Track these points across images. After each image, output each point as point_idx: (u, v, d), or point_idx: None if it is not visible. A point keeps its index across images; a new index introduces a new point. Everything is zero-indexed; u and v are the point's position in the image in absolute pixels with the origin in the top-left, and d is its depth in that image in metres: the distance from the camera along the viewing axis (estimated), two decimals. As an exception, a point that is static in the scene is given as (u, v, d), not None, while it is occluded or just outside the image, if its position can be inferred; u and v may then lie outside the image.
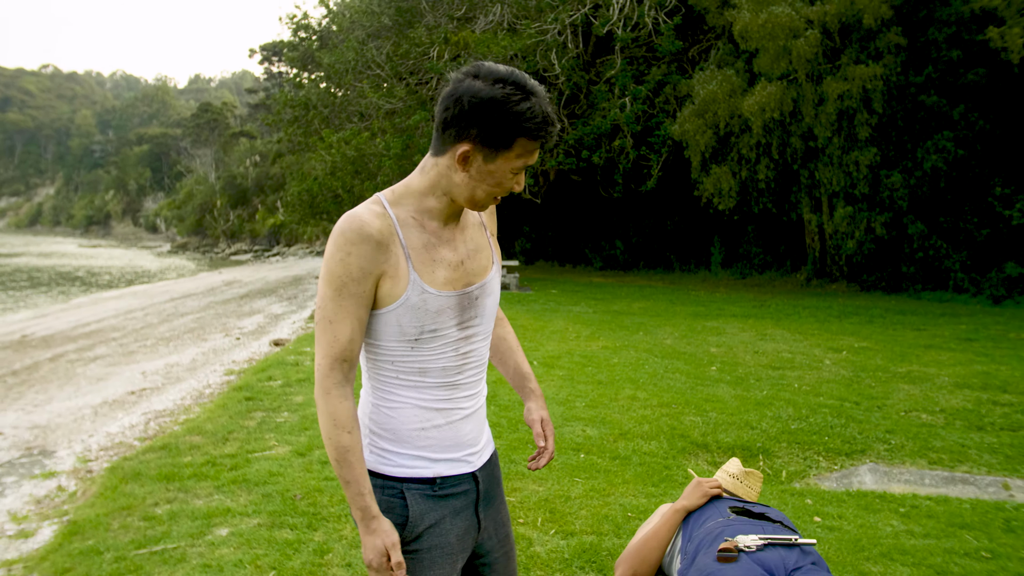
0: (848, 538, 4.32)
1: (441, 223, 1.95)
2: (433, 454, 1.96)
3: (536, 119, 1.79)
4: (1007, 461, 6.09)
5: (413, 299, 1.86)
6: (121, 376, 11.98)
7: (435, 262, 1.91)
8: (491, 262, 2.04)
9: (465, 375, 1.98)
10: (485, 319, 2.01)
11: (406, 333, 1.89)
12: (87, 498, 4.95)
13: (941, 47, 19.39)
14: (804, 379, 9.06)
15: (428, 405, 1.95)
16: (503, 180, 1.87)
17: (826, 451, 6.26)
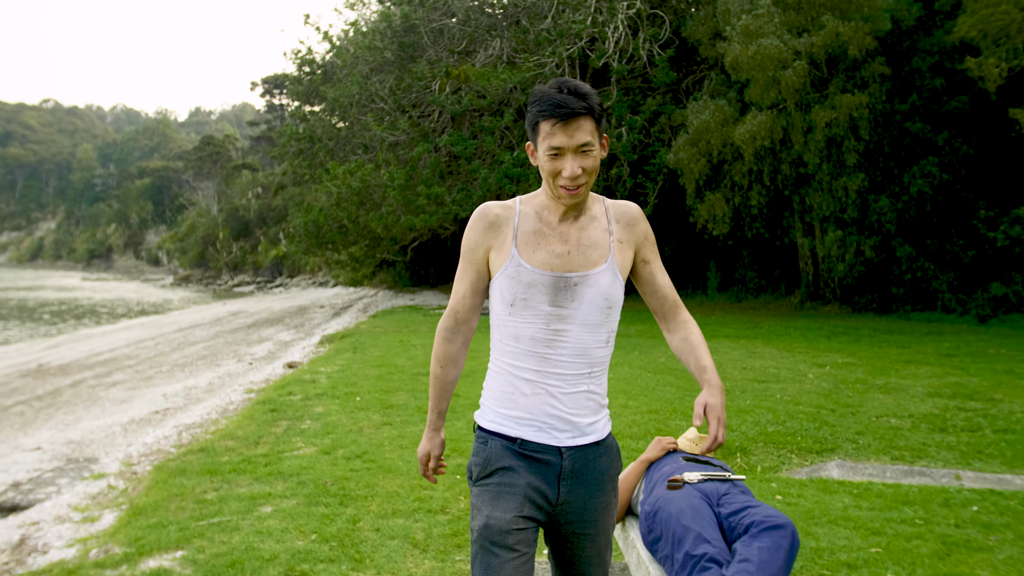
0: (802, 510, 4.95)
1: (557, 218, 2.29)
2: (520, 419, 2.25)
3: (543, 102, 2.16)
4: (962, 456, 6.71)
5: (510, 269, 2.23)
6: (143, 398, 12.61)
7: (539, 245, 2.25)
8: (603, 260, 2.28)
9: (556, 351, 2.22)
10: (584, 306, 2.23)
11: (504, 298, 2.25)
12: (140, 491, 5.58)
13: (925, 76, 20.17)
14: (786, 390, 9.69)
15: (518, 373, 2.25)
16: (547, 163, 2.18)
17: (798, 449, 6.89)
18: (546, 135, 2.16)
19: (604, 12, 22.88)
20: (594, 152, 2.19)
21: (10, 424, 11.06)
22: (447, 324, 2.38)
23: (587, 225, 2.30)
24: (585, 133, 2.15)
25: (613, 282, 2.28)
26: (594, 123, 2.19)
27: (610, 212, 2.38)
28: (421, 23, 24.95)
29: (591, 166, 2.19)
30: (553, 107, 2.13)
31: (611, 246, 2.30)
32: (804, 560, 4.08)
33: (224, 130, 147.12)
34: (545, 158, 2.18)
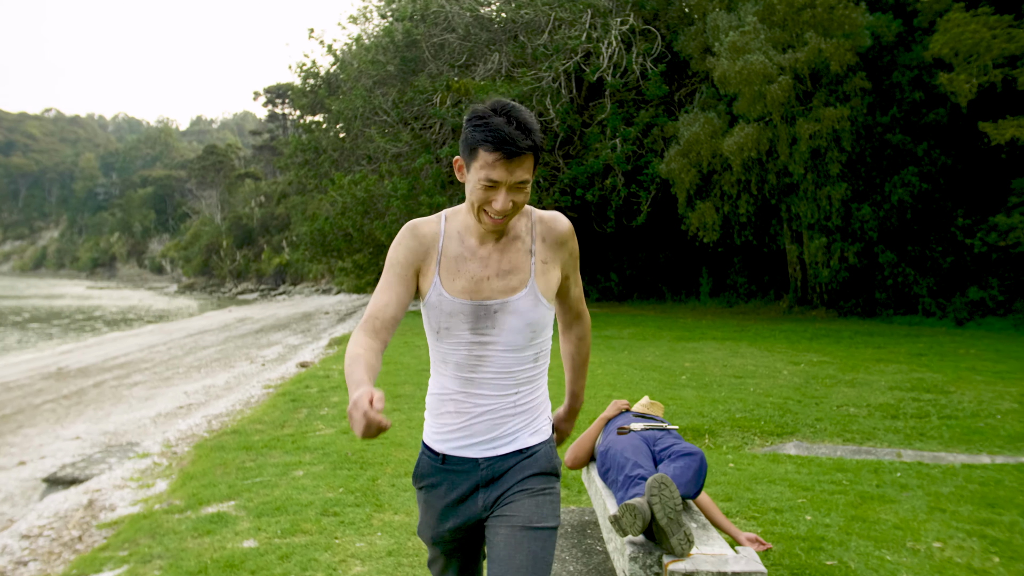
0: (749, 474, 5.85)
1: (477, 241, 2.24)
2: (446, 435, 2.30)
3: (489, 132, 2.03)
4: (906, 438, 7.60)
5: (432, 298, 2.22)
6: (165, 396, 13.51)
7: (459, 272, 2.21)
8: (523, 285, 2.22)
9: (480, 374, 2.24)
10: (504, 333, 2.22)
11: (431, 325, 2.26)
12: (186, 463, 6.48)
13: (905, 89, 21.10)
14: (760, 385, 10.58)
15: (446, 393, 2.29)
16: (477, 190, 2.09)
17: (761, 432, 7.79)
18: (484, 165, 2.07)
19: (599, 28, 23.86)
20: (527, 187, 2.14)
21: (44, 419, 11.95)
22: (364, 328, 2.23)
23: (508, 247, 2.26)
24: (525, 171, 2.10)
25: (535, 306, 2.25)
26: (533, 161, 2.13)
27: (536, 230, 2.30)
28: (422, 38, 25.96)
29: (522, 200, 2.15)
30: (499, 141, 2.03)
31: (532, 269, 2.25)
32: (740, 506, 4.98)
33: (226, 139, 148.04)
34: (477, 186, 2.11)
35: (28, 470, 8.30)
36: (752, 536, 4.07)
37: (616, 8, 24.18)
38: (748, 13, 20.69)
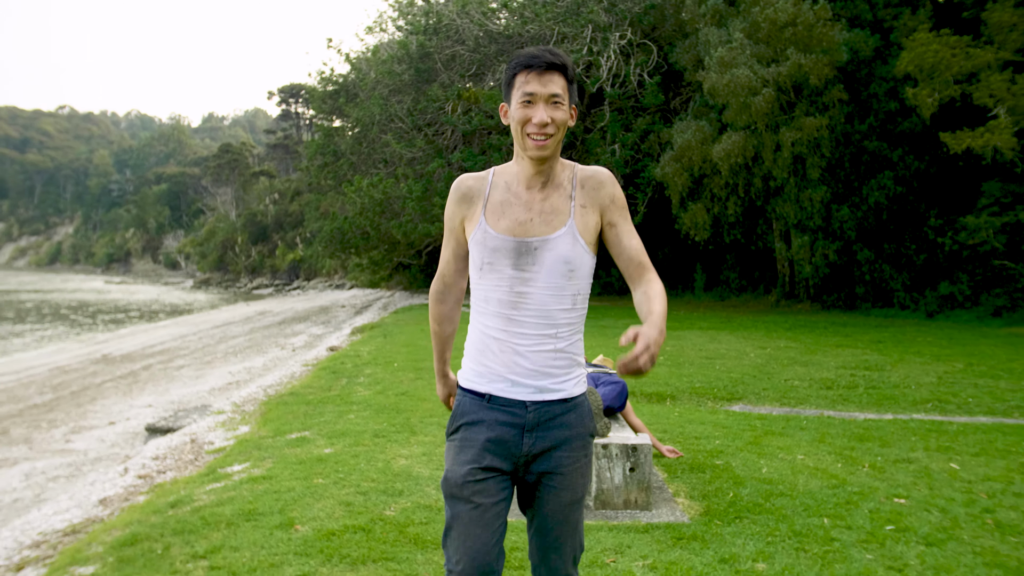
0: (687, 419, 7.74)
1: (524, 187, 2.39)
2: (491, 375, 2.38)
3: (520, 56, 2.34)
4: (832, 403, 9.43)
5: (478, 235, 2.38)
6: (212, 375, 15.44)
7: (504, 214, 2.36)
8: (562, 225, 2.34)
9: (520, 312, 2.32)
10: (544, 270, 2.32)
11: (475, 263, 2.41)
12: (259, 415, 8.38)
13: (881, 100, 22.89)
14: (726, 364, 12.43)
15: (488, 332, 2.38)
16: (518, 110, 2.30)
17: (713, 397, 9.64)
18: (520, 84, 2.30)
19: (599, 42, 25.73)
20: (564, 106, 2.31)
21: (112, 393, 13.87)
22: (437, 288, 2.62)
23: (551, 194, 2.39)
24: (557, 86, 2.28)
25: (574, 245, 2.35)
26: (566, 82, 2.32)
27: (576, 178, 2.43)
28: (435, 50, 27.89)
29: (560, 118, 2.30)
30: (529, 57, 2.29)
31: (571, 211, 2.37)
32: (672, 437, 6.84)
33: (237, 135, 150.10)
34: (517, 107, 2.31)
35: (121, 427, 10.24)
36: (669, 448, 5.96)
37: (615, 23, 26.03)
38: (736, 29, 22.49)
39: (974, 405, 9.25)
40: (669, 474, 5.63)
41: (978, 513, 4.86)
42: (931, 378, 11.10)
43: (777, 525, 4.54)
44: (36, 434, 10.17)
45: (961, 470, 5.95)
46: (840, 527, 4.52)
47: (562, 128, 2.31)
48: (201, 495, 5.13)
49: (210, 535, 4.30)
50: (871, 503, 4.98)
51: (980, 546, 4.27)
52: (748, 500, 5.00)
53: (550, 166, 2.38)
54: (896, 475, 5.74)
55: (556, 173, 2.41)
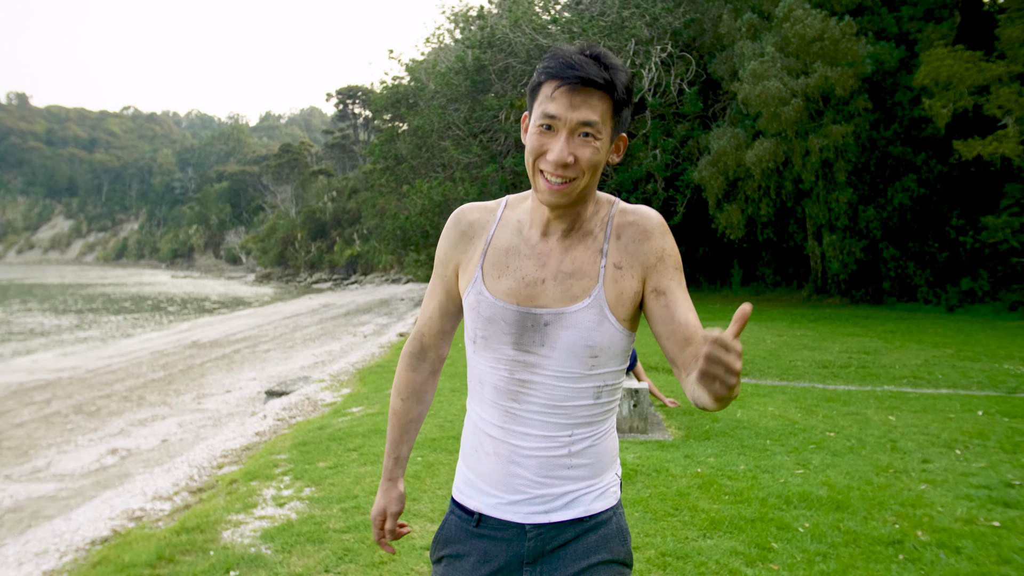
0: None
1: (540, 232, 1.74)
2: (482, 487, 1.79)
3: (553, 59, 1.62)
4: (823, 378, 11.38)
5: (471, 298, 1.77)
6: (298, 357, 17.78)
7: (507, 269, 1.74)
8: (586, 294, 1.69)
9: (523, 406, 1.72)
10: (556, 353, 1.69)
11: (469, 332, 1.79)
12: (356, 381, 10.59)
13: (905, 108, 24.50)
14: (744, 349, 14.09)
15: (482, 426, 1.80)
16: (533, 136, 1.63)
17: (724, 372, 11.65)
18: (543, 100, 1.62)
19: (641, 55, 27.68)
20: (598, 142, 1.61)
21: (217, 371, 16.26)
22: (412, 349, 1.98)
23: (576, 245, 1.72)
24: (593, 111, 1.59)
25: (600, 323, 1.68)
26: (610, 106, 1.61)
27: (612, 224, 1.74)
28: (489, 63, 30.08)
29: (589, 159, 1.61)
30: (563, 66, 1.58)
31: (600, 274, 1.70)
32: (676, 396, 8.88)
33: (294, 134, 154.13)
34: (534, 131, 1.64)
35: (236, 394, 12.57)
36: (671, 400, 8.03)
37: (656, 37, 27.96)
38: (768, 44, 24.30)
39: (942, 381, 11.10)
40: (667, 416, 7.70)
41: (883, 442, 6.85)
42: (918, 360, 12.93)
43: (732, 442, 6.61)
44: (169, 399, 12.53)
45: (895, 421, 7.91)
46: (776, 445, 6.57)
47: (592, 171, 1.64)
48: (336, 423, 7.34)
49: (354, 441, 6.50)
50: (807, 434, 7.01)
51: (870, 457, 6.28)
52: (718, 430, 7.07)
53: (576, 212, 1.72)
54: (839, 421, 7.74)
55: (585, 216, 1.75)
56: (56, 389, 14.42)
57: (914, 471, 5.79)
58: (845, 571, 3.77)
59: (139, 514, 5.34)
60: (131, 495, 5.99)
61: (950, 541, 4.20)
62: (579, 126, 1.58)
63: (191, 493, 5.78)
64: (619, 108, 1.63)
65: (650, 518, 4.53)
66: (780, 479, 5.41)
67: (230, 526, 4.58)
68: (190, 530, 4.50)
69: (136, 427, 10.26)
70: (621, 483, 1.89)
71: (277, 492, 5.24)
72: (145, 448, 8.81)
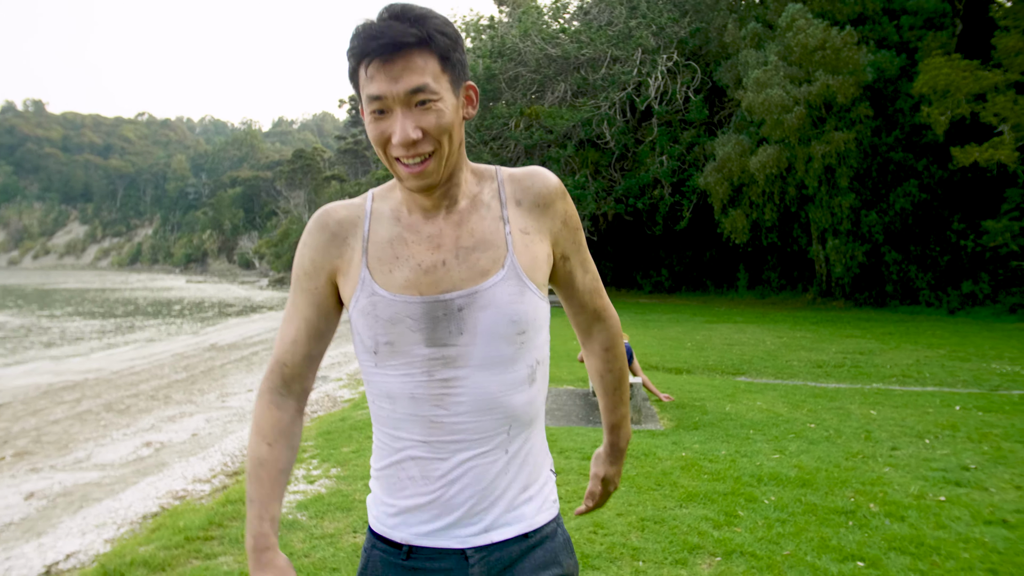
0: (687, 381, 10.36)
1: (421, 213, 1.51)
2: (409, 515, 1.52)
3: (357, 36, 1.40)
4: (816, 377, 11.96)
5: (362, 303, 1.48)
6: (314, 359, 18.38)
7: (397, 259, 1.49)
8: (498, 265, 1.48)
9: (450, 411, 1.46)
10: (479, 339, 1.46)
11: (365, 344, 1.50)
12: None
13: (906, 114, 25.06)
14: (743, 349, 14.98)
15: (399, 447, 1.51)
16: (370, 127, 1.42)
17: (721, 371, 12.25)
18: (364, 83, 1.41)
19: (648, 64, 28.33)
20: (440, 104, 1.40)
21: (237, 371, 16.92)
22: (272, 383, 1.59)
23: (468, 216, 1.52)
24: (417, 74, 1.38)
25: (521, 293, 1.49)
26: (436, 60, 1.40)
27: (505, 191, 1.56)
28: (500, 72, 30.76)
29: (436, 125, 1.40)
30: (366, 40, 1.38)
31: (508, 242, 1.50)
32: (672, 391, 9.48)
33: (306, 139, 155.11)
34: (368, 119, 1.43)
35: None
36: (666, 395, 8.63)
37: (663, 46, 28.60)
38: (771, 52, 24.90)
39: (929, 379, 11.67)
40: (661, 410, 8.31)
41: (859, 432, 7.43)
42: (910, 360, 13.49)
43: (717, 431, 7.22)
44: (194, 398, 13.19)
45: (876, 415, 8.49)
46: (758, 434, 7.17)
47: (446, 136, 1.42)
48: (357, 416, 7.98)
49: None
50: (789, 425, 7.61)
51: (844, 445, 6.87)
52: (706, 421, 7.68)
53: (453, 184, 1.51)
54: (822, 414, 8.34)
55: (465, 187, 1.54)
56: (84, 389, 15.11)
57: (881, 456, 6.38)
58: (799, 533, 4.38)
59: (182, 494, 5.99)
60: (172, 479, 6.64)
61: (897, 512, 4.80)
62: (410, 96, 1.37)
63: (228, 476, 6.43)
64: (446, 57, 1.41)
65: (634, 491, 5.15)
66: (756, 462, 6.02)
67: (267, 500, 5.23)
68: (234, 502, 5.13)
69: (166, 423, 10.90)
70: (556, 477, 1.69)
71: (307, 472, 5.89)
72: (177, 441, 9.44)
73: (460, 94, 1.46)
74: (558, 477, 5.42)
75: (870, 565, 3.93)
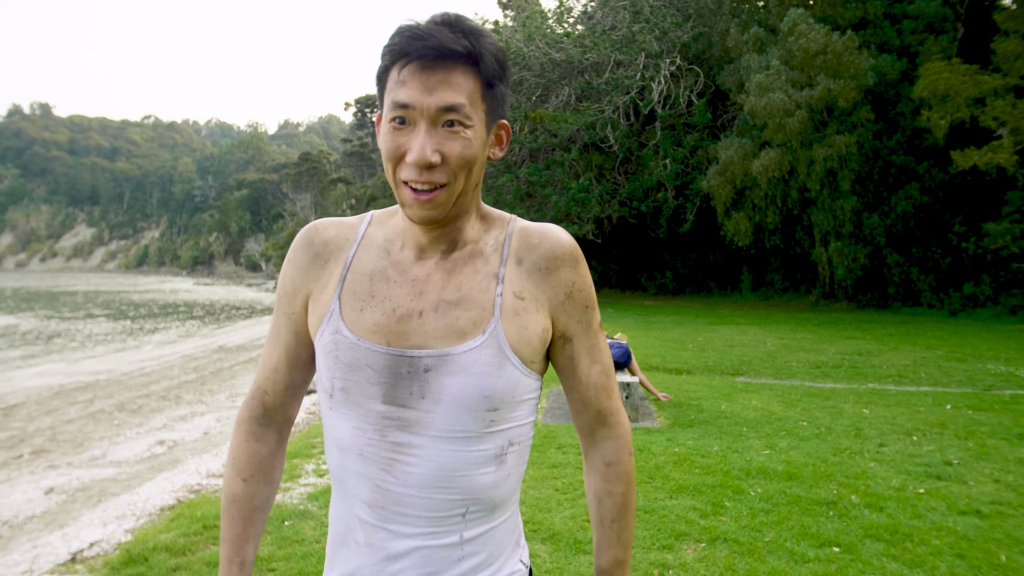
0: (687, 380, 10.61)
1: (415, 250, 1.34)
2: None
3: (399, 35, 1.23)
4: (814, 377, 12.19)
5: (325, 338, 1.33)
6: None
7: (372, 298, 1.32)
8: (478, 329, 1.27)
9: (400, 479, 1.27)
10: (442, 408, 1.26)
11: (324, 384, 1.33)
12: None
13: (907, 118, 25.27)
14: (743, 350, 15.22)
15: (349, 504, 1.34)
16: (387, 137, 1.24)
17: (721, 372, 12.50)
18: (392, 87, 1.24)
19: (651, 68, 28.60)
20: (469, 131, 1.24)
21: (244, 373, 17.19)
22: (251, 412, 1.47)
23: (462, 266, 1.33)
24: (455, 91, 1.21)
25: (499, 367, 1.27)
26: (478, 82, 1.24)
27: (510, 246, 1.36)
28: (504, 76, 31.04)
29: (459, 155, 1.23)
30: (409, 39, 1.22)
31: (496, 304, 1.30)
32: (671, 391, 9.74)
33: (312, 142, 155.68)
34: (386, 127, 1.25)
35: (268, 394, 13.47)
36: (664, 394, 8.89)
37: (666, 50, 28.87)
38: (773, 57, 25.14)
39: (924, 379, 11.89)
40: (659, 409, 8.57)
41: (849, 430, 7.69)
42: (907, 361, 13.72)
43: (711, 429, 7.48)
44: (205, 398, 13.48)
45: (868, 413, 8.74)
46: (751, 432, 7.43)
47: (465, 170, 1.26)
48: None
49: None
50: (781, 423, 7.86)
51: (833, 442, 7.12)
52: (701, 419, 7.94)
53: (456, 227, 1.34)
54: (815, 413, 8.59)
55: (470, 233, 1.36)
56: (96, 390, 15.40)
57: (868, 452, 6.64)
58: (781, 522, 4.64)
59: (197, 487, 6.27)
60: (187, 474, 6.91)
61: (876, 503, 5.06)
62: (441, 113, 1.20)
63: (240, 471, 6.71)
64: (490, 85, 1.25)
65: (628, 484, 5.42)
66: (747, 457, 6.28)
67: (280, 491, 5.50)
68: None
69: (178, 422, 11.19)
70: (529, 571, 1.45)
71: (316, 466, 6.16)
72: (190, 439, 9.71)
73: (492, 131, 1.30)
74: (555, 471, 5.70)
75: (845, 550, 4.20)
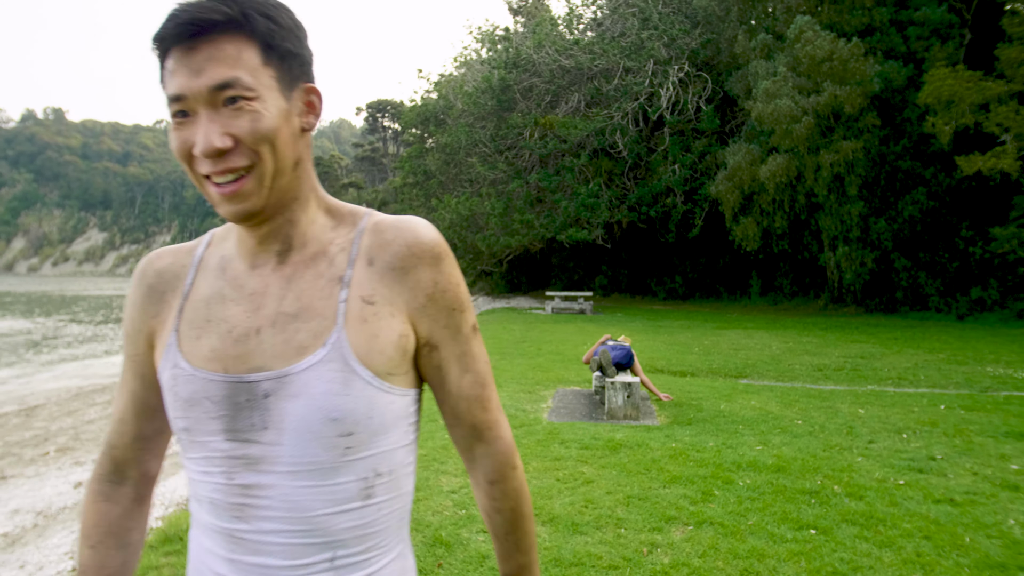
0: (690, 382, 10.93)
1: (248, 260, 1.18)
2: None
3: (162, 22, 1.06)
4: (816, 380, 12.46)
5: (165, 375, 1.17)
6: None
7: (208, 323, 1.16)
8: (319, 342, 1.10)
9: (253, 525, 1.11)
10: (287, 437, 1.09)
11: (173, 425, 1.18)
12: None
13: (914, 123, 25.51)
14: (748, 353, 15.51)
15: (205, 559, 1.17)
16: (172, 136, 1.08)
17: (724, 375, 12.80)
18: (165, 79, 1.08)
19: (659, 75, 28.94)
20: (257, 103, 1.06)
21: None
22: (101, 470, 1.30)
23: (303, 271, 1.16)
24: (227, 64, 1.04)
25: (346, 384, 1.09)
26: (255, 49, 1.07)
27: (362, 242, 1.18)
28: (514, 82, 31.48)
29: (252, 130, 1.05)
30: (166, 23, 1.06)
31: (339, 312, 1.12)
32: (673, 392, 10.06)
33: (323, 146, 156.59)
34: (171, 130, 1.09)
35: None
36: (666, 395, 9.22)
37: (674, 57, 29.20)
38: (780, 63, 25.43)
39: (923, 381, 12.16)
40: (660, 408, 8.90)
41: (842, 428, 7.99)
42: (908, 363, 13.97)
43: (709, 427, 7.81)
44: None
45: (863, 413, 9.03)
46: (747, 428, 7.75)
47: (269, 145, 1.07)
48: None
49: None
50: (777, 421, 8.18)
51: (825, 439, 7.43)
52: (699, 418, 8.27)
53: (287, 221, 1.16)
54: (811, 413, 8.89)
55: (311, 229, 1.18)
56: (113, 392, 15.80)
57: (857, 448, 6.96)
58: (765, 508, 4.98)
59: (220, 480, 6.63)
60: (209, 468, 7.28)
61: (857, 492, 5.38)
62: (215, 93, 1.04)
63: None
64: (270, 46, 1.08)
65: (624, 475, 5.76)
66: (739, 452, 6.61)
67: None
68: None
69: (196, 422, 11.62)
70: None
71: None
72: (208, 437, 10.16)
73: (296, 97, 1.13)
74: (557, 463, 6.05)
75: (821, 532, 4.53)
